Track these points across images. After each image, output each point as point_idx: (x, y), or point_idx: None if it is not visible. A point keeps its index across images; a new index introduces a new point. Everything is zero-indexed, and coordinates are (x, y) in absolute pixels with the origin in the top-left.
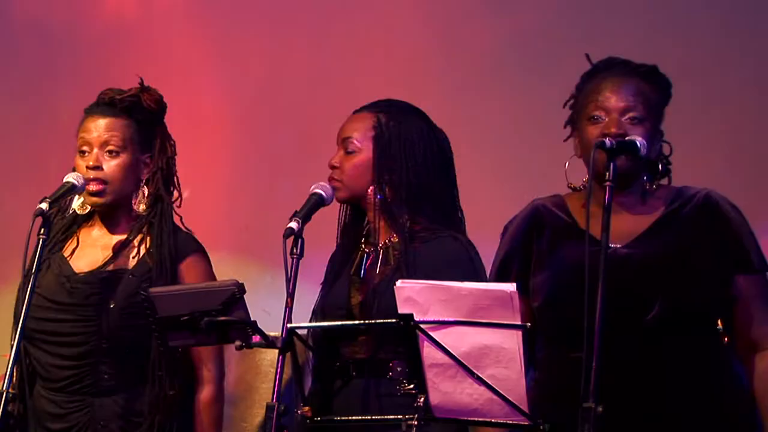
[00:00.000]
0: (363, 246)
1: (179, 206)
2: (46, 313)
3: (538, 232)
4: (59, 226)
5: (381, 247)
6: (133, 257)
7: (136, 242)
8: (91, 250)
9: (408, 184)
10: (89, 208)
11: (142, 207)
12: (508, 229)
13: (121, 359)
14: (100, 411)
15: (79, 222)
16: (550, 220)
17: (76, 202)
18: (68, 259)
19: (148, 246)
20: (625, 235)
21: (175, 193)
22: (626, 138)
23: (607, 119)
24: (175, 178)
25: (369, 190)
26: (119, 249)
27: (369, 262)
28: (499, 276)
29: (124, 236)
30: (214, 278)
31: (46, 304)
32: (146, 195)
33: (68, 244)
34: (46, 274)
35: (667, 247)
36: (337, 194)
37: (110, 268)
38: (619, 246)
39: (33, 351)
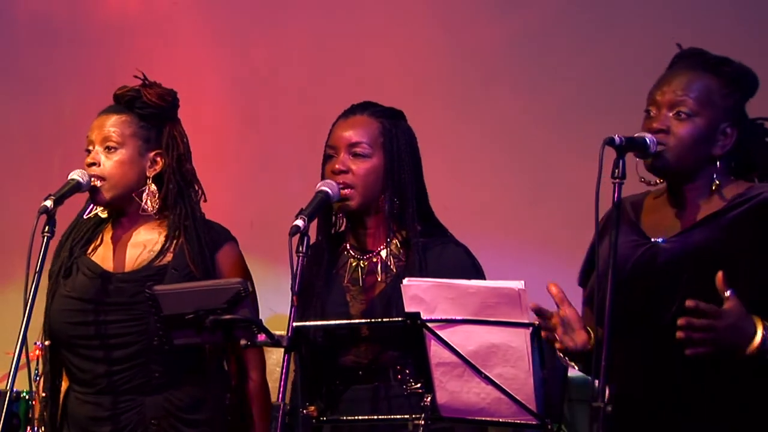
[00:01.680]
0: (352, 252)
1: (205, 201)
2: (84, 316)
3: (606, 231)
4: (82, 229)
5: (376, 254)
6: (170, 252)
7: (172, 240)
8: (119, 250)
9: (417, 191)
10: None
11: (150, 204)
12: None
13: (171, 356)
14: (150, 409)
15: (102, 225)
16: (618, 217)
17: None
18: (96, 260)
19: (182, 242)
20: (671, 229)
21: (198, 190)
22: (635, 135)
23: (656, 113)
24: (195, 175)
25: (378, 198)
26: (157, 247)
27: (367, 270)
28: (583, 282)
29: (150, 234)
30: (246, 265)
31: (84, 307)
32: (156, 193)
33: (93, 246)
34: (76, 277)
35: (706, 244)
36: (349, 203)
37: (152, 265)
38: (660, 240)
39: (71, 357)
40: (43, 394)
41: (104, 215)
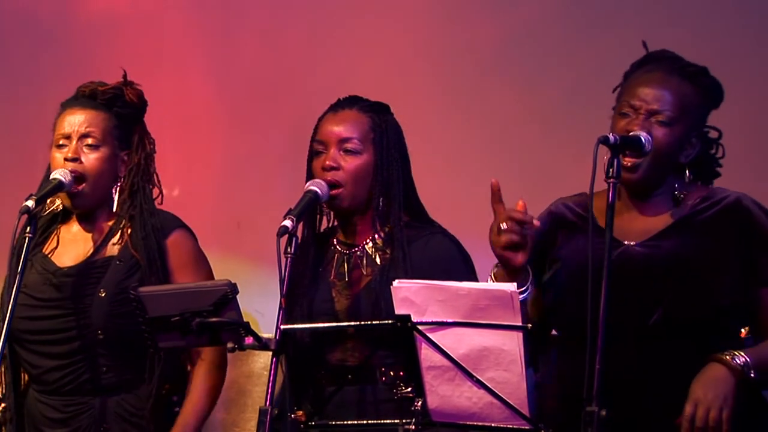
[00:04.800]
0: (338, 248)
1: (161, 203)
2: (33, 311)
3: (555, 231)
4: (38, 225)
5: (361, 248)
6: (116, 245)
7: (118, 232)
8: (72, 245)
9: (405, 186)
10: (61, 204)
11: (118, 202)
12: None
13: (119, 351)
14: (102, 413)
15: (58, 221)
16: (569, 217)
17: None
18: (50, 256)
19: (129, 232)
20: (642, 233)
21: (155, 190)
22: (630, 134)
23: (634, 116)
24: (155, 175)
25: (367, 194)
26: (102, 240)
27: (352, 264)
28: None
29: (101, 229)
30: (202, 255)
31: (33, 303)
32: (124, 191)
33: (48, 243)
34: (30, 274)
35: (682, 249)
36: (339, 202)
37: (96, 258)
38: (632, 244)
39: (23, 353)
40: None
41: (56, 209)
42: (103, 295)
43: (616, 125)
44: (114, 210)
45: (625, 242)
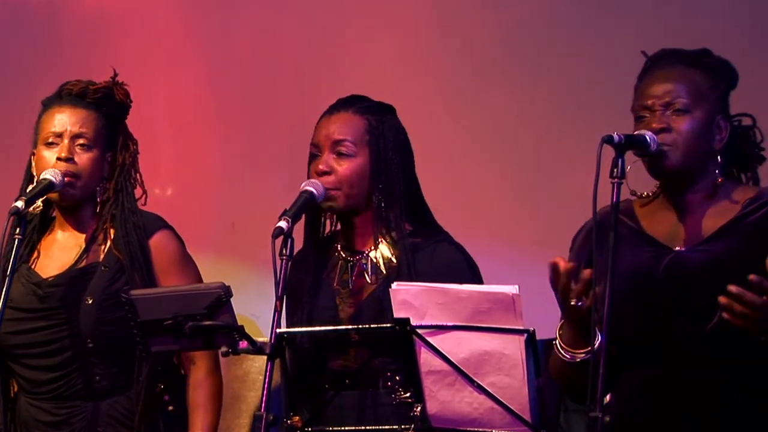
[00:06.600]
0: (342, 254)
1: (144, 204)
2: (20, 324)
3: (600, 242)
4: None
5: (365, 256)
6: (101, 248)
7: (101, 235)
8: (58, 253)
9: (405, 190)
10: (40, 207)
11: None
12: (575, 241)
13: (110, 358)
14: (95, 416)
15: (39, 231)
16: (615, 219)
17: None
18: (34, 268)
19: (113, 236)
20: (692, 237)
21: (139, 190)
22: (635, 132)
23: (651, 116)
24: (139, 175)
25: (365, 197)
26: (86, 245)
27: (356, 272)
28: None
29: (88, 235)
30: (188, 257)
31: (20, 316)
32: (107, 191)
33: (32, 255)
34: (15, 287)
35: (731, 253)
36: (334, 204)
37: (81, 265)
38: (683, 249)
39: (16, 368)
40: None
41: (37, 211)
42: (89, 302)
43: (637, 130)
44: (97, 211)
45: (676, 248)
